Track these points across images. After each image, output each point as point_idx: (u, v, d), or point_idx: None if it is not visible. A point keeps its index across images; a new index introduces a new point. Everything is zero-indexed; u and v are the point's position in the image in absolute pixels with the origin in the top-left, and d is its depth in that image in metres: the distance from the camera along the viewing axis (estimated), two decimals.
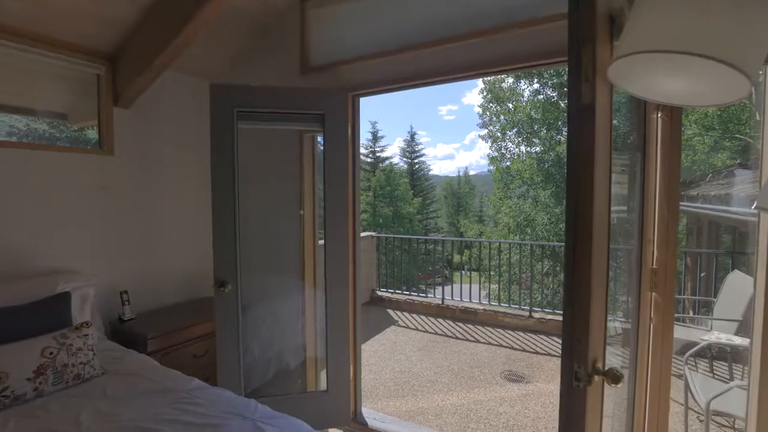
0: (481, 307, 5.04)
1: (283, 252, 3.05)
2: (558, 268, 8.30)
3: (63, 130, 2.84)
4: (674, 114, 1.75)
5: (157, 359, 2.53)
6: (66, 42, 2.49)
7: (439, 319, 5.12)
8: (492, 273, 6.32)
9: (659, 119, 1.79)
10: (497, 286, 8.90)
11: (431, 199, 35.62)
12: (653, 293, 1.83)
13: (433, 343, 4.36)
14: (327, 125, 2.49)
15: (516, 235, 9.95)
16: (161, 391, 1.81)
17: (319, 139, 2.84)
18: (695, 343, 2.77)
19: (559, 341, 4.51)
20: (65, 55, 2.54)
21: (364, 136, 30.65)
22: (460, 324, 4.94)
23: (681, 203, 5.43)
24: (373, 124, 30.83)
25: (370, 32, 2.49)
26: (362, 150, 30.55)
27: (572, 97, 1.15)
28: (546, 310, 4.82)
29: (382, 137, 31.21)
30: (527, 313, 4.79)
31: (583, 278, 1.15)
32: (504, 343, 4.34)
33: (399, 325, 4.96)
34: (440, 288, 5.80)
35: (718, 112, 10.35)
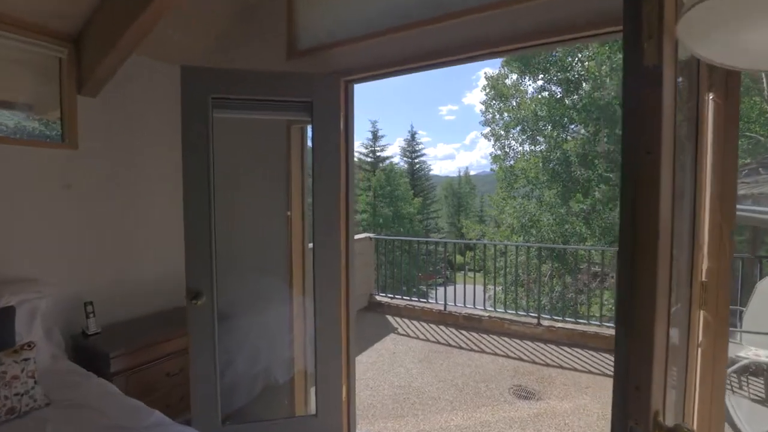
0: (486, 314, 4.74)
1: (269, 257, 2.75)
2: (563, 271, 8.04)
3: (38, 124, 2.54)
4: (730, 95, 1.45)
5: (123, 381, 2.24)
6: (22, 21, 2.19)
7: (441, 327, 4.82)
8: (496, 275, 6.01)
9: (710, 101, 1.49)
10: (501, 288, 8.61)
11: (432, 199, 35.33)
12: (702, 311, 1.53)
13: (435, 354, 4.05)
14: (315, 114, 2.19)
15: (520, 236, 9.63)
16: (112, 428, 1.50)
17: (309, 130, 2.54)
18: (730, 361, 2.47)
19: (572, 352, 4.28)
20: (22, 36, 2.25)
21: (364, 136, 30.37)
22: (464, 332, 4.64)
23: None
24: (373, 123, 30.57)
25: (365, 8, 2.19)
26: (362, 149, 30.20)
27: (631, 61, 0.85)
28: (555, 317, 4.51)
29: (382, 136, 30.94)
30: (535, 321, 4.49)
31: (644, 304, 0.85)
32: (511, 354, 4.04)
33: (399, 333, 4.65)
34: (441, 289, 5.53)
35: None
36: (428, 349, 4.19)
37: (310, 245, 2.45)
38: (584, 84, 8.85)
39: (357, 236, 5.62)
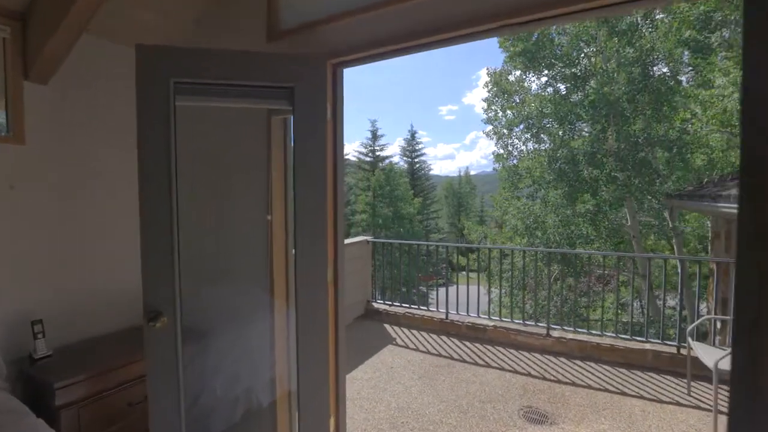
0: (491, 323, 4.42)
1: (247, 267, 2.42)
2: (568, 274, 7.71)
3: None
4: None
5: (73, 415, 1.91)
6: None
7: (443, 337, 4.50)
8: (501, 279, 5.68)
9: None
10: (504, 291, 8.30)
11: (432, 199, 35.01)
12: None
13: (436, 369, 3.73)
14: (297, 102, 1.86)
15: (524, 238, 9.28)
16: None
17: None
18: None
19: (585, 367, 3.92)
20: None
21: (364, 135, 29.99)
22: (467, 343, 4.31)
23: (707, 203, 4.76)
24: (373, 122, 30.26)
25: None
26: (361, 149, 29.96)
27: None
28: (566, 328, 4.19)
29: (382, 136, 30.61)
30: (544, 331, 4.16)
31: None
32: (519, 369, 3.71)
33: (397, 344, 4.33)
34: (442, 291, 5.24)
35: (738, 107, 9.72)
36: (429, 362, 3.87)
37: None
38: (591, 80, 8.50)
39: (353, 239, 5.31)
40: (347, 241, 5.17)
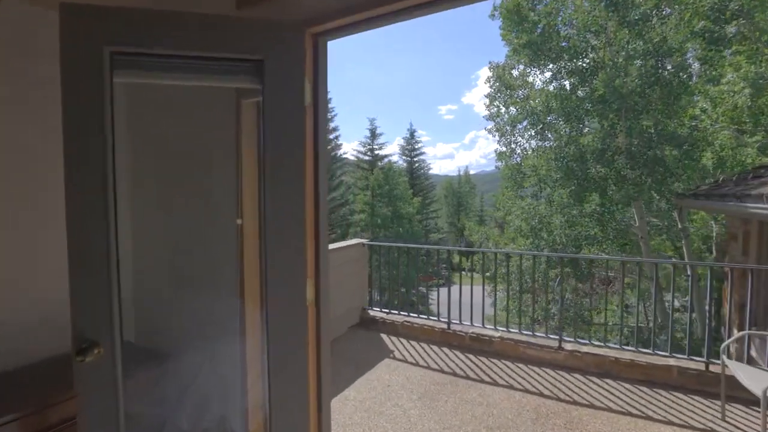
0: (497, 335, 4.06)
1: (213, 278, 2.05)
2: (575, 276, 7.35)
3: None
4: None
5: None
6: None
7: (445, 349, 4.14)
8: (506, 284, 5.32)
9: None
10: (506, 294, 7.93)
11: (431, 199, 34.68)
12: None
13: (437, 387, 3.37)
14: (268, 79, 1.50)
15: (528, 239, 8.88)
16: None
17: None
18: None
19: (603, 385, 3.46)
20: None
21: (362, 134, 29.62)
22: (471, 357, 3.95)
23: (732, 203, 4.40)
24: (372, 121, 29.89)
25: None
26: (359, 147, 29.62)
27: None
28: (581, 340, 3.82)
29: (381, 134, 30.18)
30: (556, 344, 3.80)
31: None
32: (530, 387, 3.35)
33: (395, 358, 3.96)
34: (442, 290, 4.90)
35: (749, 103, 9.36)
36: (429, 379, 3.51)
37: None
38: (600, 73, 8.06)
39: (347, 242, 4.94)
40: (341, 244, 4.81)
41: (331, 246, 4.63)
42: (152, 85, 1.86)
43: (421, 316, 4.60)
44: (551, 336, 3.92)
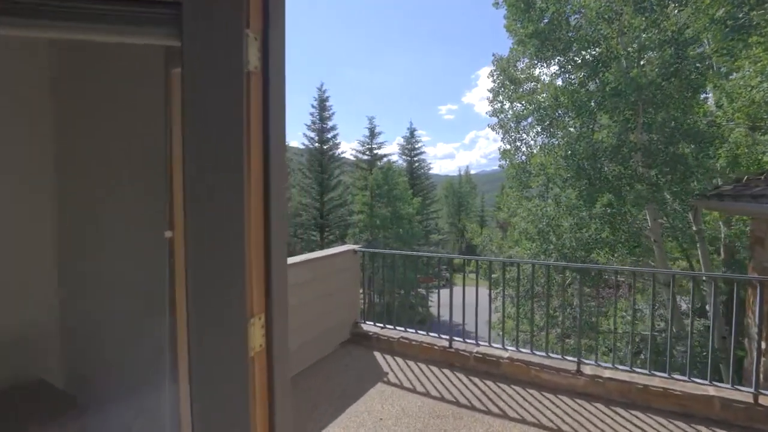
0: (506, 355, 3.57)
1: (136, 306, 1.56)
2: (581, 282, 6.84)
3: None
4: None
5: None
6: None
7: (446, 371, 3.65)
8: (516, 296, 4.85)
9: None
10: (512, 304, 7.44)
11: (431, 199, 34.18)
12: None
13: (438, 422, 2.88)
14: (189, 30, 1.01)
15: (534, 242, 8.34)
16: None
17: None
18: None
19: (631, 419, 2.83)
20: None
21: (361, 133, 29.18)
22: (476, 381, 3.46)
23: (757, 205, 3.91)
24: (371, 119, 29.36)
25: None
26: (357, 146, 29.12)
27: None
28: (604, 364, 3.33)
29: (380, 133, 29.63)
30: (574, 367, 3.32)
31: None
32: (546, 421, 2.86)
33: (389, 382, 3.48)
34: (439, 293, 4.48)
35: (767, 99, 8.84)
36: (429, 410, 3.02)
37: None
38: (614, 63, 7.50)
39: (337, 249, 4.46)
40: (328, 251, 4.32)
41: (317, 254, 4.14)
42: (79, 71, 1.38)
43: (419, 332, 4.12)
44: (568, 358, 3.43)
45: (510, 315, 7.25)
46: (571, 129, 8.19)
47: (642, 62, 7.17)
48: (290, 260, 3.78)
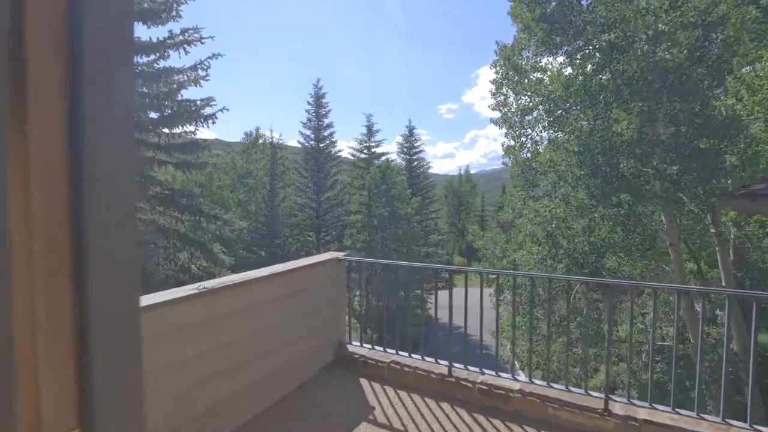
0: (516, 386, 2.97)
1: None
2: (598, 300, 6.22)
3: None
4: None
5: None
6: None
7: (445, 405, 3.05)
8: (528, 320, 4.24)
9: None
10: (513, 304, 6.83)
11: (431, 199, 33.56)
12: None
13: None
14: None
15: (543, 247, 7.71)
16: None
17: None
18: None
19: None
20: None
21: (358, 131, 28.57)
22: (481, 419, 2.86)
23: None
24: (368, 117, 28.73)
25: None
26: (355, 144, 28.49)
27: None
28: (638, 402, 2.73)
29: (378, 131, 28.98)
30: (600, 404, 2.72)
31: None
32: None
33: (376, 423, 2.87)
34: (438, 294, 3.89)
35: None
36: None
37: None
38: (631, 49, 6.83)
39: (318, 258, 3.85)
40: (307, 261, 3.71)
41: (294, 264, 3.53)
42: None
43: (413, 355, 3.51)
44: (593, 393, 2.83)
45: (519, 336, 6.61)
46: (584, 122, 7.54)
47: (666, 45, 6.52)
48: (259, 272, 3.17)
